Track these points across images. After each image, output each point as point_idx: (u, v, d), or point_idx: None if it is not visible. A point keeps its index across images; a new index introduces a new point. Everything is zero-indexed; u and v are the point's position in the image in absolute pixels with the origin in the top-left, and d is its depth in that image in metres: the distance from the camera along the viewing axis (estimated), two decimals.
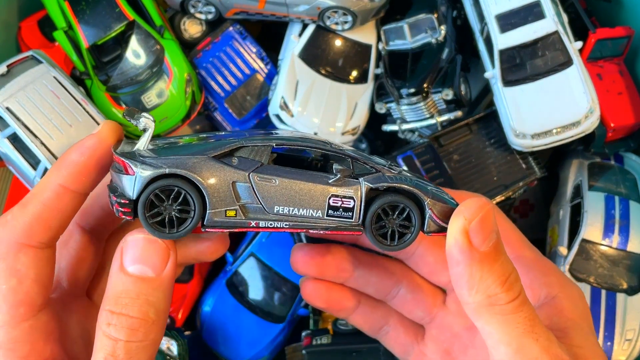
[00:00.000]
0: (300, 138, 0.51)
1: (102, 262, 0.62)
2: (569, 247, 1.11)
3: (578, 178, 1.19)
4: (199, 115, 1.23)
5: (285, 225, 0.50)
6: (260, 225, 0.49)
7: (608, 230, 1.10)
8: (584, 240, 1.09)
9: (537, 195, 1.33)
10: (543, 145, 1.08)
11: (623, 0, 1.21)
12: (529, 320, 0.48)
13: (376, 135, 1.31)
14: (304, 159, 0.56)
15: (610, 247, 1.09)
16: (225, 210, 0.49)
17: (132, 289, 0.46)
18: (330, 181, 0.49)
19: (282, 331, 1.21)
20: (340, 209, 0.49)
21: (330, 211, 0.49)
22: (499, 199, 1.12)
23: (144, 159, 0.48)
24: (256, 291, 1.21)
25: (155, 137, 0.56)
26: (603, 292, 1.06)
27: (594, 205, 1.12)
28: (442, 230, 0.50)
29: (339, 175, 0.49)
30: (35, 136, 0.99)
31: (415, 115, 1.19)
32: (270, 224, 0.49)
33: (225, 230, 0.50)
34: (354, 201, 0.49)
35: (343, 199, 0.49)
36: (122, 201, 0.48)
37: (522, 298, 0.49)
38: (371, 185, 0.49)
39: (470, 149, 1.16)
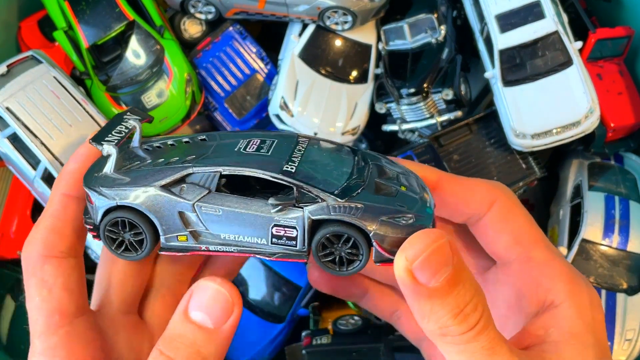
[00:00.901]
0: (256, 162, 0.50)
1: (151, 281, 0.63)
2: (569, 247, 1.11)
3: (578, 178, 1.19)
4: (199, 115, 1.23)
5: (234, 250, 0.50)
6: (211, 249, 0.51)
7: (608, 230, 1.10)
8: (584, 240, 1.10)
9: (537, 195, 1.33)
10: (543, 145, 1.08)
11: (623, 0, 1.21)
12: (487, 349, 0.45)
13: (376, 135, 1.31)
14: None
15: (610, 247, 1.09)
16: (177, 235, 0.51)
17: (188, 336, 0.47)
18: (272, 211, 0.48)
19: (282, 331, 1.21)
20: (284, 238, 0.49)
21: (274, 239, 0.49)
22: None
23: (101, 189, 0.51)
24: (256, 291, 1.21)
25: (150, 137, 0.58)
26: (603, 292, 1.07)
27: (594, 205, 1.12)
28: (391, 261, 0.48)
29: (280, 207, 0.48)
30: (35, 136, 0.99)
31: (415, 115, 1.19)
32: (220, 249, 0.51)
33: (179, 254, 0.51)
34: (297, 231, 0.48)
35: (286, 229, 0.49)
36: (89, 226, 0.53)
37: (480, 327, 0.45)
38: (312, 217, 0.48)
39: (470, 149, 1.16)
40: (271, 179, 0.48)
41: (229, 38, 1.25)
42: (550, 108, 1.06)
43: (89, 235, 0.54)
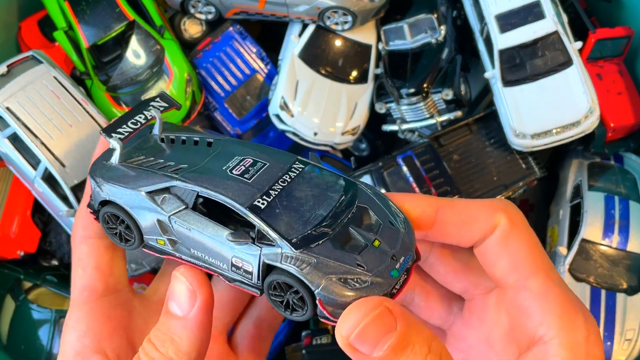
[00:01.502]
0: (232, 189, 0.49)
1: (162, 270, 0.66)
2: (569, 247, 1.11)
3: (578, 178, 1.19)
4: (199, 115, 1.23)
5: (201, 265, 0.52)
6: (184, 259, 0.53)
7: (608, 230, 1.10)
8: (583, 240, 1.10)
9: (537, 195, 1.33)
10: (543, 145, 1.08)
11: (623, 0, 1.22)
12: None
13: (376, 135, 1.31)
14: None
15: (610, 247, 1.09)
16: (156, 238, 0.53)
17: (166, 324, 0.49)
18: (231, 244, 0.49)
19: (282, 331, 1.21)
20: (242, 270, 0.49)
21: (233, 268, 0.50)
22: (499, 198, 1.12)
23: (99, 181, 0.54)
24: None
25: (175, 126, 0.60)
26: (603, 292, 1.07)
27: (594, 205, 1.12)
28: (334, 322, 0.47)
29: (239, 241, 0.48)
30: (36, 136, 0.99)
31: (415, 115, 1.19)
32: (191, 260, 0.52)
33: (159, 255, 0.54)
34: (253, 267, 0.49)
35: (243, 262, 0.49)
36: (90, 209, 0.57)
37: None
38: (266, 261, 0.48)
39: (470, 149, 1.16)
40: (237, 211, 0.48)
41: (229, 38, 1.25)
42: (550, 108, 1.06)
43: None
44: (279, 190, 0.50)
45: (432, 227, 0.52)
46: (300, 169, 0.52)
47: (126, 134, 0.55)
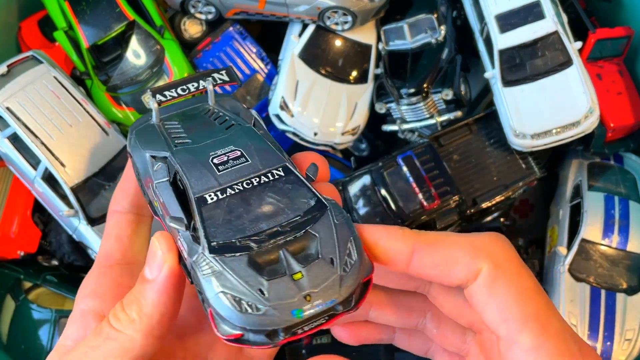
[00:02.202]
0: (197, 176, 0.49)
1: None
2: (569, 247, 1.11)
3: (578, 178, 1.19)
4: None
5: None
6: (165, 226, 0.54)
7: (608, 230, 1.10)
8: (583, 240, 1.10)
9: (536, 195, 1.33)
10: (543, 145, 1.08)
11: (623, 0, 1.22)
12: None
13: (376, 135, 1.31)
14: None
15: (609, 247, 1.09)
16: (154, 200, 0.54)
17: (136, 287, 0.50)
18: (174, 227, 0.50)
19: None
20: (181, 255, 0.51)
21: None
22: (498, 199, 1.12)
23: (131, 134, 0.55)
24: None
25: (228, 101, 0.59)
26: (603, 292, 1.07)
27: (594, 205, 1.12)
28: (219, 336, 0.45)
29: (174, 227, 0.48)
30: (36, 136, 1.00)
31: (415, 115, 1.19)
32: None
33: (156, 217, 0.56)
34: (184, 256, 0.50)
35: (181, 248, 0.50)
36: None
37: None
38: (185, 255, 0.49)
39: (470, 149, 1.16)
40: (188, 197, 0.48)
41: (229, 38, 1.25)
42: (550, 108, 1.06)
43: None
44: (237, 190, 0.47)
45: (409, 268, 0.48)
46: (277, 176, 0.48)
47: (169, 97, 0.54)
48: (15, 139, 1.01)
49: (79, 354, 0.48)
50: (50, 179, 1.02)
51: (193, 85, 0.56)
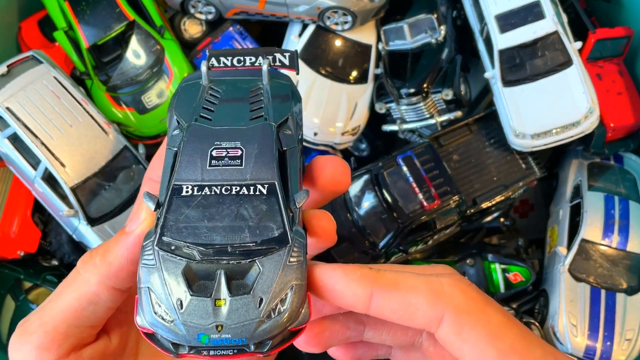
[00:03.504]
0: (189, 161, 0.48)
1: None
2: (569, 247, 1.11)
3: (578, 178, 1.19)
4: None
5: None
6: None
7: (608, 230, 1.10)
8: (583, 240, 1.10)
9: (536, 195, 1.33)
10: (543, 145, 1.08)
11: (623, 0, 1.22)
12: None
13: (376, 135, 1.31)
14: None
15: (609, 247, 1.09)
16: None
17: (114, 236, 0.51)
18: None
19: None
20: None
21: None
22: (498, 199, 1.12)
23: (177, 90, 0.53)
24: None
25: (288, 87, 0.56)
26: (603, 292, 1.07)
27: (594, 205, 1.12)
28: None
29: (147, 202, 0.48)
30: (36, 136, 1.00)
31: (415, 115, 1.19)
32: None
33: None
34: None
35: None
36: None
37: None
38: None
39: (470, 149, 1.16)
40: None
41: (229, 38, 1.25)
42: (550, 108, 1.06)
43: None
44: (214, 192, 0.46)
45: (369, 311, 0.45)
46: (259, 193, 0.46)
47: (222, 64, 0.53)
48: (15, 139, 1.01)
49: (52, 294, 0.50)
50: (50, 179, 1.02)
51: (250, 59, 0.54)
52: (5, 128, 1.01)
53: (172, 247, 0.44)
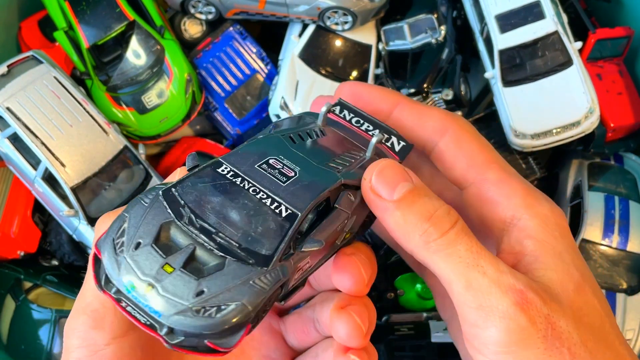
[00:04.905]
0: (252, 157, 0.49)
1: None
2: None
3: (578, 178, 1.19)
4: (199, 115, 1.23)
5: None
6: None
7: (608, 230, 1.10)
8: (583, 240, 1.10)
9: None
10: (543, 145, 1.08)
11: (623, 0, 1.22)
12: (472, 253, 0.46)
13: None
14: None
15: (609, 247, 1.09)
16: None
17: None
18: None
19: None
20: None
21: None
22: None
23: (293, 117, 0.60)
24: None
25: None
26: (602, 292, 1.07)
27: (594, 205, 1.12)
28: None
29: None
30: (36, 136, 1.00)
31: None
32: None
33: None
34: None
35: None
36: None
37: (458, 230, 0.46)
38: None
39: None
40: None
41: (229, 38, 1.25)
42: (550, 108, 1.06)
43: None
44: (242, 186, 0.46)
45: (390, 118, 0.57)
46: (278, 213, 0.45)
47: (341, 115, 0.55)
48: (15, 139, 1.01)
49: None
50: (50, 179, 1.02)
51: (368, 127, 0.56)
52: (5, 128, 1.01)
53: (171, 200, 0.44)
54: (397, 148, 0.55)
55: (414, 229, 0.47)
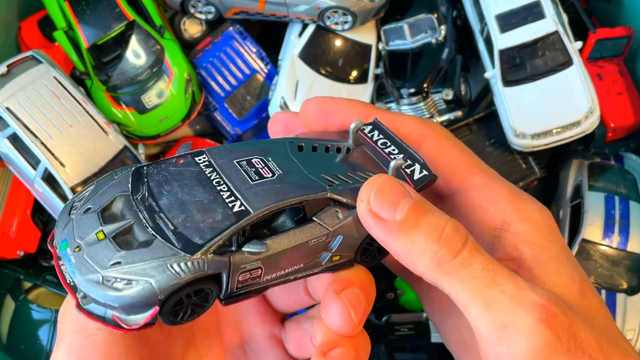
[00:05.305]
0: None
1: None
2: (569, 247, 1.11)
3: (578, 178, 1.19)
4: (199, 115, 1.23)
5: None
6: None
7: (608, 230, 1.10)
8: (583, 240, 1.10)
9: (537, 195, 1.31)
10: (543, 145, 1.08)
11: (623, 0, 1.21)
12: (488, 271, 0.43)
13: None
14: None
15: (610, 247, 1.09)
16: None
17: None
18: None
19: None
20: None
21: None
22: None
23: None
24: None
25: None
26: (603, 292, 1.07)
27: (594, 205, 1.12)
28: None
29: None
30: (35, 136, 1.00)
31: (415, 115, 1.19)
32: None
33: None
34: None
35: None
36: None
37: (470, 247, 0.43)
38: None
39: (470, 149, 1.16)
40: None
41: (229, 38, 1.25)
42: (550, 108, 1.06)
43: None
44: (209, 177, 0.45)
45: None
46: (230, 207, 0.43)
47: (368, 135, 0.52)
48: (15, 139, 1.01)
49: None
50: (50, 179, 1.02)
51: (393, 150, 0.52)
52: (5, 128, 1.01)
53: (138, 177, 0.45)
54: (416, 176, 0.50)
55: (424, 252, 0.43)
